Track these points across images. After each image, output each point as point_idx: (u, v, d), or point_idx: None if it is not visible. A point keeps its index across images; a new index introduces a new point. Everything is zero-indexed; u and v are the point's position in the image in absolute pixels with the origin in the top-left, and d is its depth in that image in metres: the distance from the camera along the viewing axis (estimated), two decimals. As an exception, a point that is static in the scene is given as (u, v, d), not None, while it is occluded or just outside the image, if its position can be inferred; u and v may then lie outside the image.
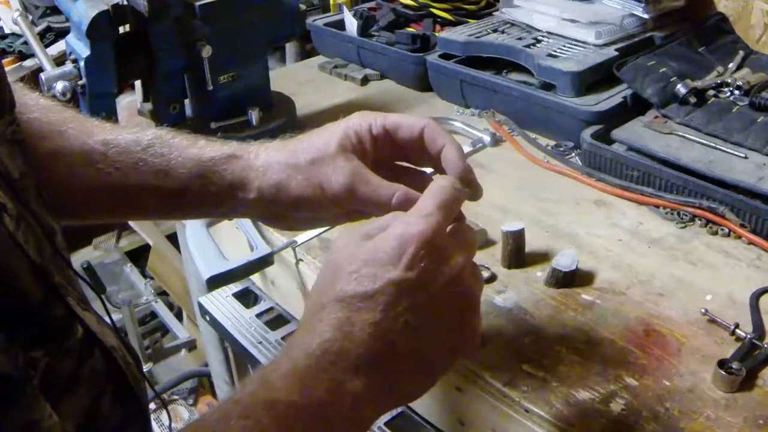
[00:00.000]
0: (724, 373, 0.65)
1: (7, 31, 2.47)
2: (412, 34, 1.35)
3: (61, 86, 0.96)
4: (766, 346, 0.70)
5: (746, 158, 0.92)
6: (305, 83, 1.39)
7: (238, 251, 0.92)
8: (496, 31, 1.28)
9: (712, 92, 1.06)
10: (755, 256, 0.84)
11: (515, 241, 0.83)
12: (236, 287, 1.04)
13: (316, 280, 0.54)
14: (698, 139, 0.96)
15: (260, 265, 0.89)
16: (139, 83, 1.11)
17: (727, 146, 0.94)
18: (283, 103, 1.19)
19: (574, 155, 1.06)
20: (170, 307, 2.37)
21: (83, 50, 0.97)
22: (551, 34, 1.23)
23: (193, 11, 1.01)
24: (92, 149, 0.64)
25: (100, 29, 0.95)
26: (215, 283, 0.86)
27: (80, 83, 0.98)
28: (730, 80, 1.07)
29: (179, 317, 2.33)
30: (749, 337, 0.70)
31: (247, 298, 1.04)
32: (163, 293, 2.41)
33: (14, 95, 0.55)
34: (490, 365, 0.70)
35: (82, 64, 0.97)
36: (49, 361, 0.43)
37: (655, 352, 0.71)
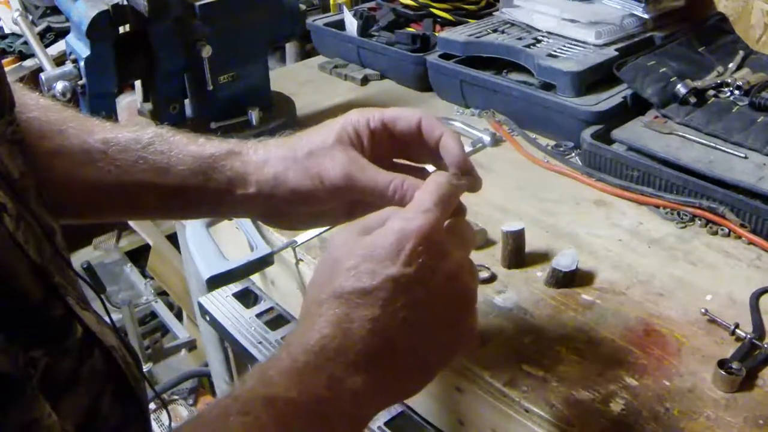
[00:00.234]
0: (724, 373, 0.65)
1: (7, 31, 2.47)
2: (412, 34, 1.35)
3: (61, 86, 0.96)
4: (766, 346, 0.70)
5: (746, 158, 0.92)
6: (305, 83, 1.39)
7: (238, 251, 0.92)
8: (496, 31, 1.28)
9: (712, 92, 1.06)
10: (755, 256, 0.84)
11: (515, 241, 0.83)
12: (236, 287, 1.04)
13: (313, 275, 0.54)
14: (698, 139, 0.96)
15: (260, 265, 0.89)
16: (139, 83, 1.11)
17: (727, 146, 0.94)
18: (283, 103, 1.19)
19: (574, 155, 1.06)
20: (170, 307, 2.37)
21: (83, 50, 0.97)
22: (551, 34, 1.23)
23: (193, 11, 1.01)
24: (92, 148, 0.63)
25: (100, 29, 0.95)
26: (215, 283, 0.86)
27: (80, 83, 0.98)
28: (730, 80, 1.07)
29: (179, 317, 2.33)
30: (749, 337, 0.70)
31: (247, 298, 1.04)
32: (163, 293, 2.41)
33: (14, 95, 0.55)
34: (490, 365, 0.70)
35: (82, 64, 0.97)
36: (48, 360, 0.43)
37: (655, 352, 0.71)
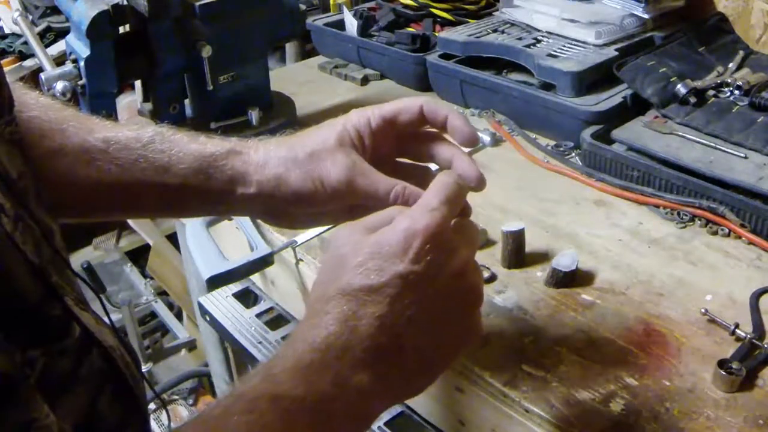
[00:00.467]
0: (724, 373, 0.65)
1: (7, 31, 2.47)
2: (412, 34, 1.35)
3: (61, 86, 0.96)
4: (766, 346, 0.70)
5: (746, 158, 0.92)
6: (305, 83, 1.39)
7: (238, 251, 0.92)
8: (496, 31, 1.28)
9: (712, 92, 1.06)
10: (755, 256, 0.84)
11: (515, 241, 0.83)
12: (236, 287, 1.04)
13: (318, 272, 0.54)
14: (698, 139, 0.96)
15: (260, 265, 0.89)
16: (139, 83, 1.11)
17: (727, 146, 0.94)
18: (283, 103, 1.19)
19: (574, 155, 1.06)
20: (170, 307, 2.37)
21: (83, 50, 0.97)
22: (551, 34, 1.23)
23: (193, 11, 1.01)
24: (93, 147, 0.63)
25: (100, 29, 0.95)
26: (215, 283, 0.86)
27: (80, 83, 0.98)
28: (730, 80, 1.07)
29: (179, 317, 2.33)
30: (749, 337, 0.70)
31: (247, 298, 1.04)
32: (163, 293, 2.41)
33: (14, 94, 0.55)
34: (490, 365, 0.70)
35: (82, 64, 0.97)
36: (46, 360, 0.43)
37: (655, 352, 0.71)
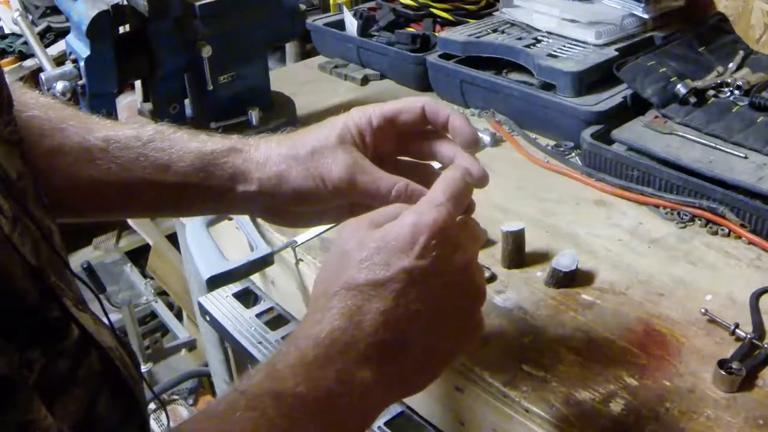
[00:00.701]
0: (724, 373, 0.65)
1: (7, 31, 2.47)
2: (412, 34, 1.35)
3: (61, 86, 0.96)
4: (766, 346, 0.70)
5: (746, 158, 0.92)
6: (305, 83, 1.39)
7: (238, 251, 0.92)
8: (496, 31, 1.28)
9: (712, 92, 1.06)
10: (755, 256, 0.84)
11: (515, 241, 0.83)
12: (236, 287, 1.04)
13: (321, 267, 0.54)
14: (698, 139, 0.96)
15: (260, 265, 0.89)
16: (139, 83, 1.12)
17: (727, 146, 0.94)
18: (283, 103, 1.19)
19: (574, 155, 1.06)
20: (170, 307, 2.37)
21: (83, 50, 0.97)
22: (551, 34, 1.23)
23: (193, 11, 1.01)
24: (93, 146, 0.63)
25: (100, 29, 0.95)
26: (215, 283, 0.86)
27: (80, 83, 0.98)
28: (730, 80, 1.06)
29: (179, 317, 2.33)
30: (749, 337, 0.70)
31: (247, 298, 1.04)
32: (163, 293, 2.41)
33: (13, 94, 0.54)
34: (490, 365, 0.70)
35: (82, 64, 0.97)
36: (45, 362, 0.43)
37: (655, 352, 0.71)
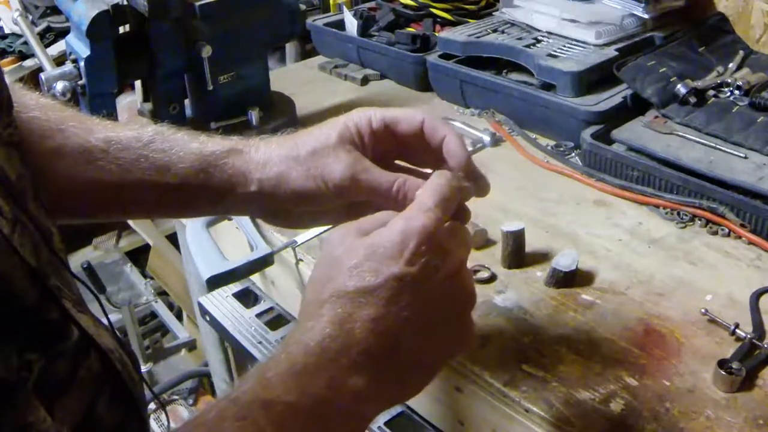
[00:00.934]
0: (724, 373, 0.65)
1: (7, 31, 2.46)
2: (412, 34, 1.35)
3: (61, 86, 0.96)
4: (766, 346, 0.70)
5: (746, 158, 0.92)
6: (305, 83, 1.39)
7: (238, 251, 0.92)
8: (496, 31, 1.28)
9: (712, 92, 1.06)
10: (755, 256, 0.84)
11: (515, 241, 0.83)
12: (236, 287, 1.04)
13: (311, 274, 0.54)
14: (698, 139, 0.96)
15: (260, 265, 0.89)
16: (139, 83, 1.11)
17: (727, 146, 0.94)
18: (283, 103, 1.19)
19: (574, 155, 1.06)
20: (170, 307, 2.37)
21: (83, 50, 0.97)
22: (551, 34, 1.23)
23: (193, 11, 1.01)
24: (93, 147, 0.63)
25: (100, 29, 0.95)
26: (215, 283, 0.86)
27: (80, 83, 0.98)
28: (730, 80, 1.07)
29: (179, 317, 2.33)
30: (749, 337, 0.70)
31: (247, 298, 1.04)
32: (163, 293, 2.41)
33: (13, 95, 0.54)
34: (490, 365, 0.70)
35: (82, 64, 0.97)
36: (44, 363, 0.43)
37: (655, 352, 0.71)
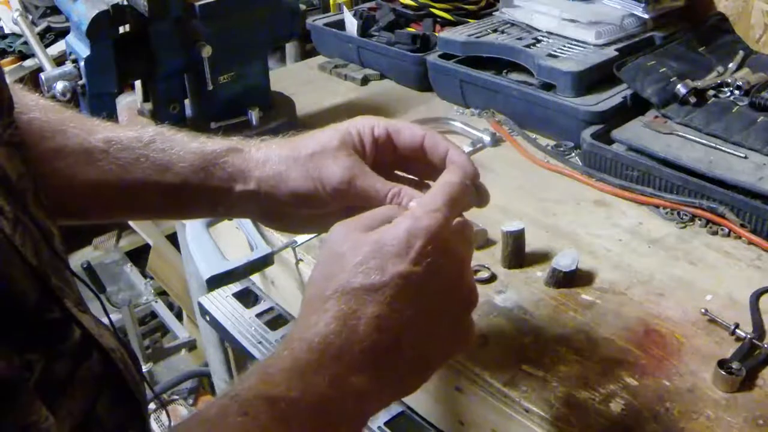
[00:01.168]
0: (724, 373, 0.65)
1: (7, 31, 2.46)
2: (412, 34, 1.35)
3: (61, 86, 0.96)
4: (766, 346, 0.70)
5: (746, 158, 0.92)
6: (305, 83, 1.39)
7: (238, 251, 0.92)
8: (496, 31, 1.28)
9: (712, 92, 1.06)
10: (755, 256, 0.84)
11: (515, 241, 0.83)
12: (236, 287, 1.04)
13: (313, 270, 0.54)
14: (698, 139, 0.96)
15: (260, 265, 0.89)
16: (139, 83, 1.11)
17: (727, 146, 0.94)
18: (283, 103, 1.19)
19: (574, 155, 1.06)
20: (170, 307, 2.37)
21: (83, 50, 0.97)
22: (551, 34, 1.23)
23: (193, 11, 1.01)
24: (94, 147, 0.63)
25: (100, 29, 0.95)
26: (215, 283, 0.86)
27: (80, 83, 0.98)
28: (730, 80, 1.07)
29: (179, 317, 2.33)
30: (749, 337, 0.70)
31: (247, 298, 1.04)
32: (163, 293, 2.41)
33: (14, 96, 0.55)
34: (490, 365, 0.70)
35: (82, 64, 0.97)
36: (45, 363, 0.43)
37: (655, 352, 0.71)
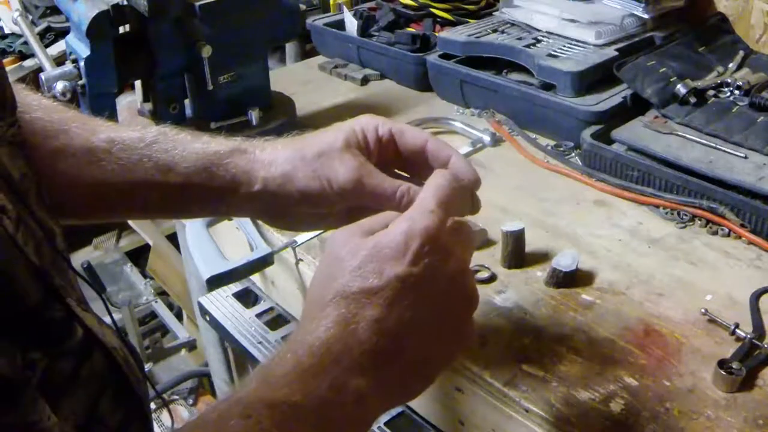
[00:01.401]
0: (724, 373, 0.65)
1: (7, 31, 2.47)
2: (412, 34, 1.35)
3: (61, 86, 0.96)
4: (766, 346, 0.70)
5: (746, 158, 0.92)
6: (305, 83, 1.39)
7: (238, 251, 0.92)
8: (496, 31, 1.28)
9: (712, 92, 1.06)
10: (755, 256, 0.84)
11: (515, 241, 0.83)
12: (236, 287, 1.04)
13: (314, 275, 0.54)
14: (698, 139, 0.96)
15: (260, 265, 0.89)
16: (139, 83, 1.11)
17: (727, 146, 0.94)
18: (283, 103, 1.19)
19: (574, 155, 1.06)
20: (170, 307, 2.37)
21: (83, 50, 0.97)
22: (551, 34, 1.23)
23: (193, 11, 1.01)
24: (96, 147, 0.64)
25: (100, 29, 0.95)
26: (215, 283, 0.86)
27: (80, 83, 0.98)
28: (730, 80, 1.07)
29: (179, 317, 2.33)
30: (749, 337, 0.70)
31: (247, 298, 1.04)
32: (163, 293, 2.41)
33: (16, 96, 0.55)
34: (490, 365, 0.70)
35: (82, 64, 0.97)
36: (48, 362, 0.43)
37: (655, 352, 0.71)
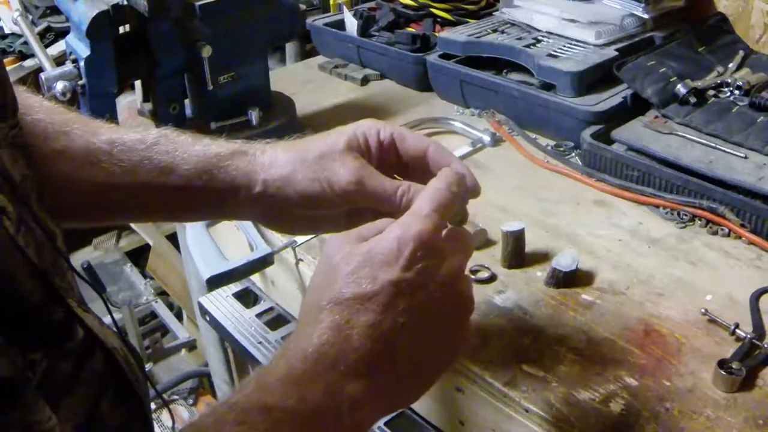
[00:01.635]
0: (724, 373, 0.65)
1: (7, 31, 2.47)
2: (412, 34, 1.35)
3: (61, 86, 0.96)
4: (766, 346, 0.70)
5: (746, 158, 0.92)
6: (305, 83, 1.39)
7: (238, 251, 0.92)
8: (496, 31, 1.28)
9: (712, 92, 1.06)
10: (755, 256, 0.84)
11: (515, 241, 0.83)
12: (236, 287, 1.04)
13: (310, 281, 0.54)
14: (698, 139, 0.96)
15: (260, 265, 0.89)
16: (139, 83, 1.11)
17: (727, 146, 0.94)
18: (283, 103, 1.19)
19: (574, 155, 1.06)
20: (170, 307, 2.37)
21: (83, 50, 0.97)
22: (551, 34, 1.23)
23: (193, 11, 1.01)
24: (97, 149, 0.64)
25: (100, 29, 0.95)
26: (215, 283, 0.86)
27: (80, 83, 0.98)
28: (730, 80, 1.07)
29: (179, 317, 2.33)
30: (749, 337, 0.70)
31: (247, 298, 1.04)
32: (163, 293, 2.41)
33: (18, 98, 0.55)
34: (490, 365, 0.70)
35: (82, 64, 0.97)
36: (48, 363, 0.43)
37: (655, 352, 0.71)
